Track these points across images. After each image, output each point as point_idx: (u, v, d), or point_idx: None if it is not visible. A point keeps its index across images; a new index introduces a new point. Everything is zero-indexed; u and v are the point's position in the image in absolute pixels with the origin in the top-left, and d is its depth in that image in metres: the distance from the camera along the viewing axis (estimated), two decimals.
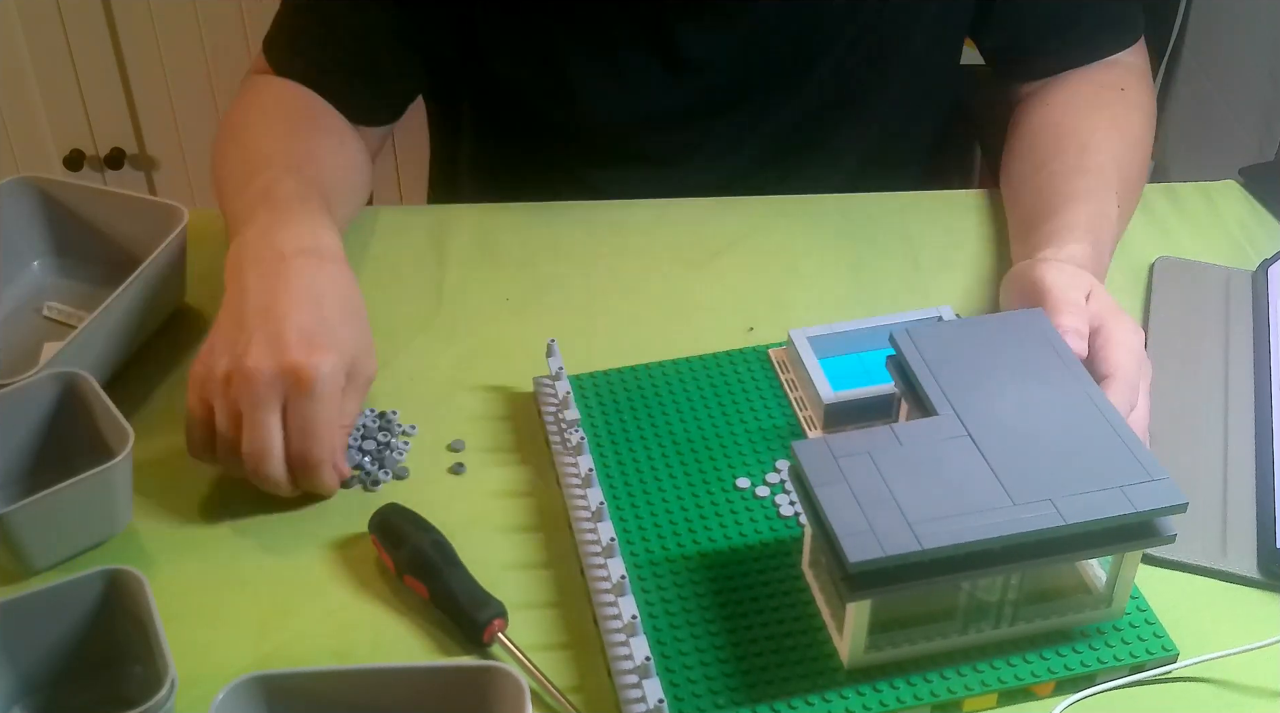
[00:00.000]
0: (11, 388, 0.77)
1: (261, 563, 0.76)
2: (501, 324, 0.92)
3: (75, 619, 0.68)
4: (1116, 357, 0.76)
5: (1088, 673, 0.69)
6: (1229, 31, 1.50)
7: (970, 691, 0.68)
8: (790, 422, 0.83)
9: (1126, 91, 1.02)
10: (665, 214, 1.02)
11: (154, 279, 0.87)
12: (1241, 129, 1.46)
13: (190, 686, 0.67)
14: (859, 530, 0.63)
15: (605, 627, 0.70)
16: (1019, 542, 0.64)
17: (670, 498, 0.78)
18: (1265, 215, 1.04)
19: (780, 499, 0.78)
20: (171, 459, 0.81)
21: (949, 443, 0.68)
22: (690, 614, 0.71)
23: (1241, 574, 0.76)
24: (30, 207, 0.93)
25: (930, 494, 0.65)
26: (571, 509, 0.77)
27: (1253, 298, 0.94)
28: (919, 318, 0.85)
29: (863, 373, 0.85)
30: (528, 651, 0.70)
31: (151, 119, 1.90)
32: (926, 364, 0.73)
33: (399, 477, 0.81)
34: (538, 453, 0.82)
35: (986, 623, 0.69)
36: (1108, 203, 0.91)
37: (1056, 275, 0.81)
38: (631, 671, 0.67)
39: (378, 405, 0.85)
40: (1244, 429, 0.84)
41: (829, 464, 0.67)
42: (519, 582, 0.75)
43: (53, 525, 0.73)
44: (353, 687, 0.65)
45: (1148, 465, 0.67)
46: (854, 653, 0.68)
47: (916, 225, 1.02)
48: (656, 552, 0.74)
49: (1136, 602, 0.72)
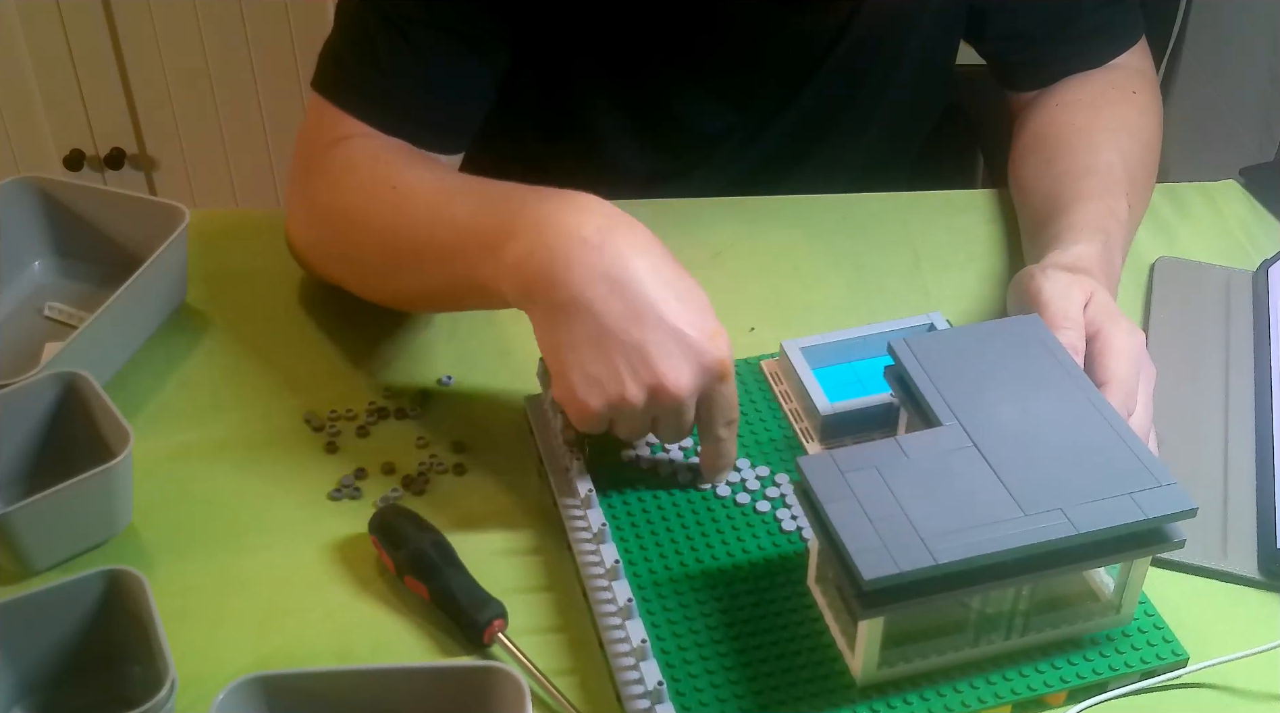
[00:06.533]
0: (12, 388, 0.77)
1: (261, 563, 0.76)
2: (501, 324, 0.92)
3: (75, 619, 0.68)
4: (1113, 364, 0.76)
5: (1100, 681, 0.69)
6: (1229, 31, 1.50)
7: (984, 703, 0.68)
8: (787, 434, 0.82)
9: (1138, 94, 1.02)
10: (665, 214, 1.02)
11: (155, 279, 0.87)
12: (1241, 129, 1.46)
13: (190, 686, 0.67)
14: (871, 547, 0.63)
15: (612, 651, 0.69)
16: (1031, 553, 0.64)
17: (670, 516, 0.77)
18: (1265, 215, 1.04)
19: (781, 514, 0.77)
20: (171, 459, 0.82)
21: (955, 454, 0.68)
22: (698, 635, 0.70)
23: (1242, 575, 0.76)
24: (30, 207, 0.93)
25: (940, 507, 0.65)
26: (571, 532, 0.75)
27: (1253, 298, 0.94)
28: (910, 326, 0.85)
29: (856, 382, 0.84)
30: (528, 651, 0.70)
31: (151, 119, 1.90)
32: (927, 374, 0.73)
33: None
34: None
35: (997, 634, 0.69)
36: (1117, 202, 0.91)
37: (1053, 286, 0.80)
38: (643, 695, 0.66)
39: (378, 405, 0.85)
40: (1244, 429, 0.84)
41: (836, 480, 0.66)
42: (519, 582, 0.75)
43: (53, 526, 0.73)
44: (353, 687, 0.65)
45: (1155, 471, 0.67)
46: (866, 670, 0.67)
47: (917, 225, 1.02)
48: (659, 572, 0.74)
49: (1144, 607, 0.72)
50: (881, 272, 0.98)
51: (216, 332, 0.91)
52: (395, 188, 0.83)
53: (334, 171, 0.87)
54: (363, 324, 0.91)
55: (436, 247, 0.79)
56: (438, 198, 0.81)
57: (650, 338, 0.70)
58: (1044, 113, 1.03)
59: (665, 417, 0.73)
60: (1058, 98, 1.03)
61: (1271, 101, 1.41)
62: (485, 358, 0.89)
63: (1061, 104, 1.02)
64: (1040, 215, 0.93)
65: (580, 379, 0.71)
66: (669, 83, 1.01)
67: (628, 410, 0.71)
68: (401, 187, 0.83)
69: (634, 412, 0.71)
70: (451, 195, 0.80)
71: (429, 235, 0.79)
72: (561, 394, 0.72)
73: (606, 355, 0.70)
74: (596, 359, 0.71)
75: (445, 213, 0.79)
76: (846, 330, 0.86)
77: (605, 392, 0.71)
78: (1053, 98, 1.03)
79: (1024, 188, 0.99)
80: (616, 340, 0.70)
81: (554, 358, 0.72)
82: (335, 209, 0.86)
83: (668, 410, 0.72)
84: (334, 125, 0.89)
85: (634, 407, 0.71)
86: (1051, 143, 0.99)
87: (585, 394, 0.71)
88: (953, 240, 1.01)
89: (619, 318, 0.70)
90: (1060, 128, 1.00)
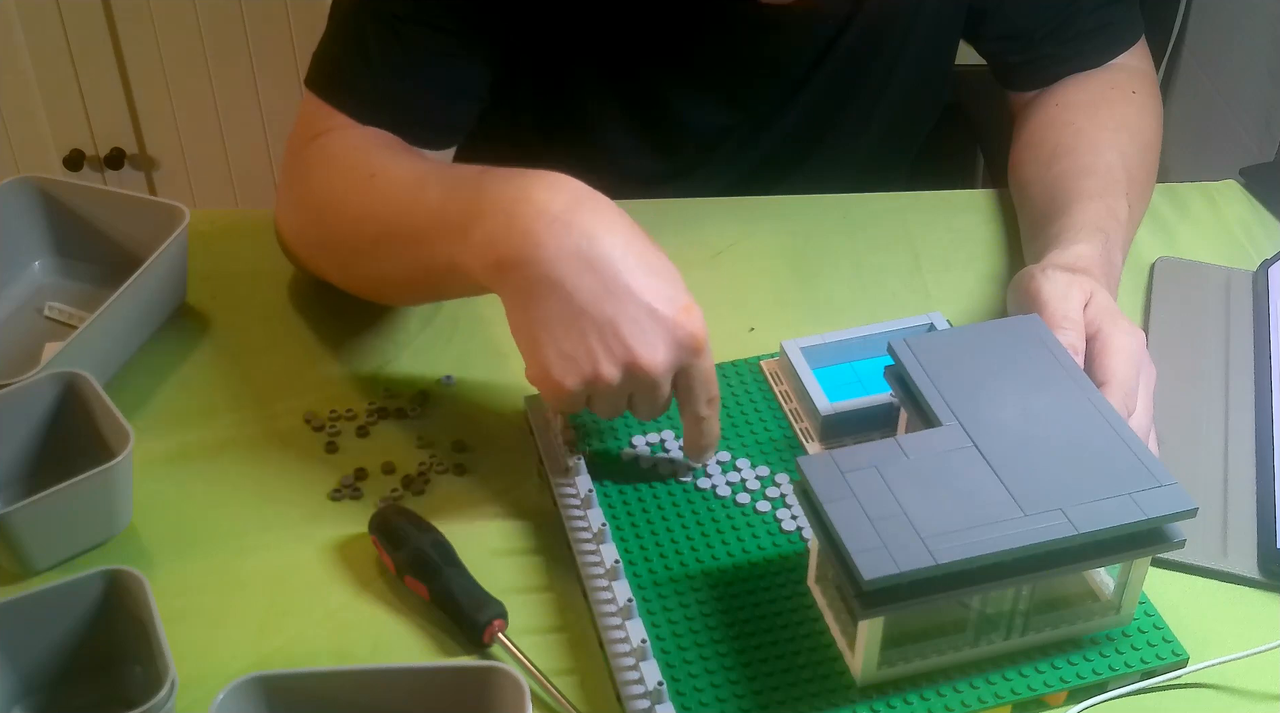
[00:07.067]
0: (12, 388, 0.77)
1: (261, 563, 0.76)
2: (501, 324, 0.91)
3: (75, 619, 0.68)
4: (1112, 364, 0.76)
5: (1100, 681, 0.69)
6: (1229, 31, 1.50)
7: (984, 703, 0.67)
8: (786, 434, 0.82)
9: (1137, 94, 1.02)
10: (665, 214, 1.02)
11: (155, 279, 0.87)
12: (1241, 129, 1.46)
13: (190, 686, 0.67)
14: (871, 547, 0.63)
15: (612, 651, 0.69)
16: (1031, 553, 0.64)
17: (670, 516, 0.77)
18: (1265, 215, 1.04)
19: (782, 514, 0.77)
20: (171, 459, 0.82)
21: (955, 454, 0.68)
22: (698, 635, 0.70)
23: (1242, 575, 0.76)
24: (30, 207, 0.93)
25: (940, 507, 0.65)
26: (571, 532, 0.75)
27: (1253, 298, 0.94)
28: (910, 326, 0.85)
29: (856, 382, 0.84)
30: (528, 651, 0.70)
31: (151, 119, 1.90)
32: (927, 374, 0.73)
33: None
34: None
35: (997, 634, 0.69)
36: (1117, 202, 0.91)
37: (1053, 286, 0.80)
38: (643, 695, 0.66)
39: (378, 405, 0.85)
40: (1244, 429, 0.84)
41: (836, 480, 0.66)
42: (519, 582, 0.75)
43: (53, 526, 0.73)
44: (353, 687, 0.65)
45: (1155, 471, 0.67)
46: (866, 670, 0.67)
47: (917, 225, 1.02)
48: (659, 572, 0.74)
49: (1144, 607, 0.72)
50: (881, 272, 0.98)
51: (216, 332, 0.91)
52: (373, 175, 0.83)
53: (316, 162, 0.88)
54: (363, 324, 0.91)
55: (409, 230, 0.78)
56: (412, 183, 0.81)
57: (623, 313, 0.70)
58: (1044, 113, 1.03)
59: (641, 393, 0.72)
60: (1057, 98, 1.03)
61: (1271, 101, 1.41)
62: (485, 358, 0.89)
63: (1061, 104, 1.02)
64: (1040, 215, 0.93)
65: (554, 358, 0.70)
66: (668, 83, 1.01)
67: (603, 387, 0.71)
68: (379, 174, 0.83)
69: (609, 389, 0.71)
70: (425, 180, 0.80)
71: (403, 220, 0.79)
72: (535, 375, 0.72)
73: (579, 332, 0.70)
74: (569, 336, 0.70)
75: (419, 197, 0.79)
76: (846, 330, 0.86)
77: (580, 369, 0.70)
78: (1052, 98, 1.04)
79: (1024, 188, 0.99)
80: (589, 317, 0.70)
81: (526, 338, 0.72)
82: (316, 197, 0.87)
83: (643, 386, 0.71)
84: (322, 119, 0.89)
85: (609, 384, 0.71)
86: (1051, 143, 0.99)
87: (560, 373, 0.70)
88: (953, 240, 1.01)
89: (590, 294, 0.70)
90: (1060, 128, 1.00)
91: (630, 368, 0.70)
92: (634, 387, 0.72)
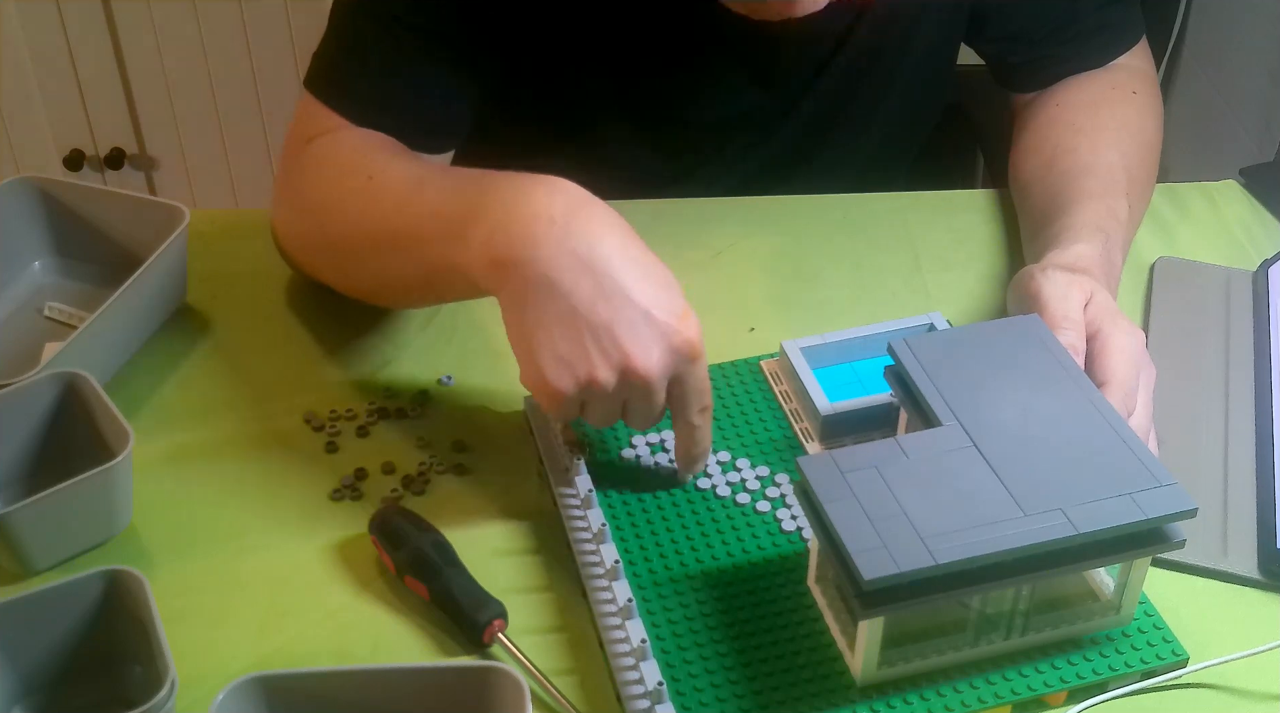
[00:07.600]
0: (12, 388, 0.77)
1: (261, 563, 0.76)
2: (501, 324, 0.92)
3: (75, 619, 0.68)
4: (1112, 364, 0.76)
5: (1100, 681, 0.69)
6: (1229, 31, 1.51)
7: (984, 703, 0.67)
8: (786, 434, 0.82)
9: (1138, 94, 1.02)
10: (665, 214, 1.02)
11: (155, 280, 0.87)
12: (1241, 129, 1.47)
13: (190, 686, 0.67)
14: (871, 547, 0.63)
15: (612, 651, 0.69)
16: (1031, 553, 0.64)
17: (670, 516, 0.77)
18: (1265, 215, 1.04)
19: (781, 514, 0.77)
20: (171, 459, 0.82)
21: (955, 454, 0.68)
22: (698, 635, 0.70)
23: (1242, 575, 0.76)
24: (30, 207, 0.93)
25: (940, 507, 0.65)
26: (571, 532, 0.75)
27: (1253, 298, 0.94)
28: (910, 326, 0.85)
29: (856, 382, 0.84)
30: (527, 651, 0.70)
31: (151, 119, 1.90)
32: (927, 374, 0.73)
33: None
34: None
35: (997, 634, 0.69)
36: (1117, 202, 0.91)
37: (1052, 287, 0.80)
38: (643, 695, 0.66)
39: (378, 405, 0.85)
40: (1244, 429, 0.84)
41: (836, 480, 0.66)
42: (519, 582, 0.75)
43: (53, 526, 0.73)
44: (353, 687, 0.65)
45: (1155, 471, 0.67)
46: (866, 670, 0.67)
47: (917, 225, 1.02)
48: (659, 572, 0.74)
49: (1144, 607, 0.72)
50: (881, 272, 0.98)
51: (216, 332, 0.91)
52: (371, 178, 0.83)
53: (313, 164, 0.88)
54: (363, 325, 0.91)
55: (408, 233, 0.78)
56: (410, 185, 0.81)
57: (619, 317, 0.70)
58: (1044, 113, 1.03)
59: (636, 399, 0.72)
60: (1058, 98, 1.03)
61: (1271, 101, 1.41)
62: (485, 358, 0.89)
63: (1062, 104, 1.02)
64: (1040, 215, 0.93)
65: (549, 361, 0.70)
66: (671, 87, 1.01)
67: (598, 392, 0.71)
68: (377, 176, 0.83)
69: (604, 394, 0.71)
70: (424, 182, 0.80)
71: (401, 222, 0.79)
72: (530, 379, 0.72)
73: (575, 336, 0.70)
74: (565, 338, 0.70)
75: (417, 199, 0.79)
76: (846, 330, 0.86)
77: (575, 373, 0.70)
78: (1053, 98, 1.04)
79: (1024, 188, 0.99)
80: (584, 320, 0.70)
81: (522, 340, 0.71)
82: (313, 200, 0.87)
83: (638, 391, 0.71)
84: (320, 120, 0.89)
85: (604, 389, 0.70)
86: (1052, 143, 0.99)
87: (555, 377, 0.70)
88: (953, 240, 1.01)
89: (587, 297, 0.70)
90: (1060, 128, 1.00)
91: (625, 372, 0.70)
92: (629, 392, 0.71)
